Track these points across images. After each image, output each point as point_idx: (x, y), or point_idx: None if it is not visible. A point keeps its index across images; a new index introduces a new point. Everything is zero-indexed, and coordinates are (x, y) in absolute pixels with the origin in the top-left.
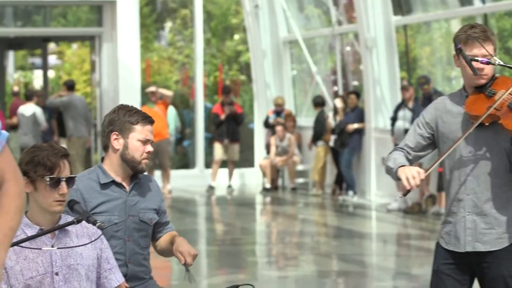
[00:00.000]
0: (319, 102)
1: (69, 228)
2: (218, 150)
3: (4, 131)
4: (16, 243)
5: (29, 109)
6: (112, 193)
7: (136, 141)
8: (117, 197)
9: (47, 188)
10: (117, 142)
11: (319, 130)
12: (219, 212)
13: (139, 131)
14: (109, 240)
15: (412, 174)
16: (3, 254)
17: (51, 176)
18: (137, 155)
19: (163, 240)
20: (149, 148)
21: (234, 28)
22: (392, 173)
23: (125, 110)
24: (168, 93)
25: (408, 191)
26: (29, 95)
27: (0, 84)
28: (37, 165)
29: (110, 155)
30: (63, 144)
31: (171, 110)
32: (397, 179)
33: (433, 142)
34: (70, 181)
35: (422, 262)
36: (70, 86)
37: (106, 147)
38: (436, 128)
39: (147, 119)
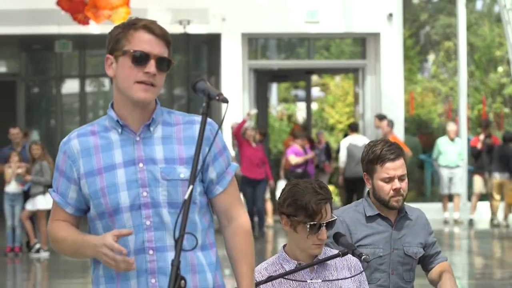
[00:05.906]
0: None
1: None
2: (478, 183)
3: (234, 163)
4: (277, 277)
5: (360, 140)
6: (378, 226)
7: (379, 181)
8: (382, 230)
9: (307, 233)
10: (367, 183)
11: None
12: (478, 245)
13: (380, 171)
14: (373, 273)
15: None
16: None
17: (311, 223)
18: (383, 194)
19: (434, 271)
20: (396, 185)
21: (498, 60)
22: None
23: (369, 148)
24: None
25: None
26: (353, 127)
27: (264, 116)
28: (299, 209)
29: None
30: None
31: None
32: None
33: None
34: (330, 225)
35: None
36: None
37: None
38: None
39: (387, 156)
